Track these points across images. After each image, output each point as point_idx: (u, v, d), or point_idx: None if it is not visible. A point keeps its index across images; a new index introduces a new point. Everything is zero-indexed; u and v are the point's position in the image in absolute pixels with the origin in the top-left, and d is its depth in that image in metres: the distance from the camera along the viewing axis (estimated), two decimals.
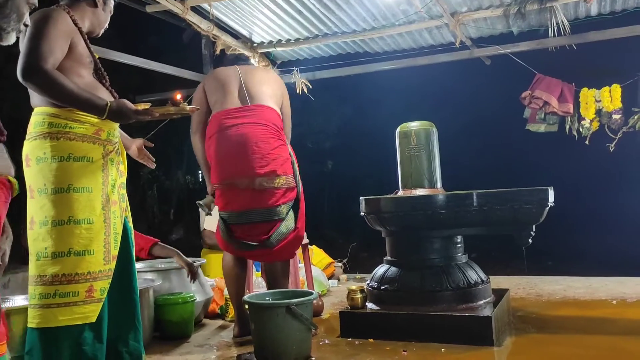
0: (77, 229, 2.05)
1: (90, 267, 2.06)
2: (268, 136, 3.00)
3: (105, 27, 2.37)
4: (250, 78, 3.15)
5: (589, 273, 4.81)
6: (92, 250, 2.07)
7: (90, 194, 2.10)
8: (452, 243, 3.18)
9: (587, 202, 7.80)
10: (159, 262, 3.87)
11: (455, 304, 2.98)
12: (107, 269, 2.12)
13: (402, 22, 4.98)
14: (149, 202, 9.90)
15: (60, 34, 2.06)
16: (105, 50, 4.25)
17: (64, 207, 2.04)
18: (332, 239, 8.64)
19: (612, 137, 5.37)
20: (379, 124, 7.31)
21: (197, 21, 4.58)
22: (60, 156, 2.06)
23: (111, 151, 2.20)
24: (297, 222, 3.09)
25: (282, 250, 3.05)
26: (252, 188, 2.96)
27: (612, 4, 4.77)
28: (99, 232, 2.10)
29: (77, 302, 2.01)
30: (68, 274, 2.02)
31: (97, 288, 2.07)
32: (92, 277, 2.07)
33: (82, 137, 2.11)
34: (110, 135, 2.21)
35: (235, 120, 3.01)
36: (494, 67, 5.74)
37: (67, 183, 2.05)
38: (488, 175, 7.45)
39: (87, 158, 2.11)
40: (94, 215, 2.10)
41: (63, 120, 2.08)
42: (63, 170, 2.05)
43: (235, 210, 3.02)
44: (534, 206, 2.92)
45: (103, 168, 2.15)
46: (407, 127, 3.37)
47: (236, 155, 2.97)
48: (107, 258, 2.13)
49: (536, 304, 3.71)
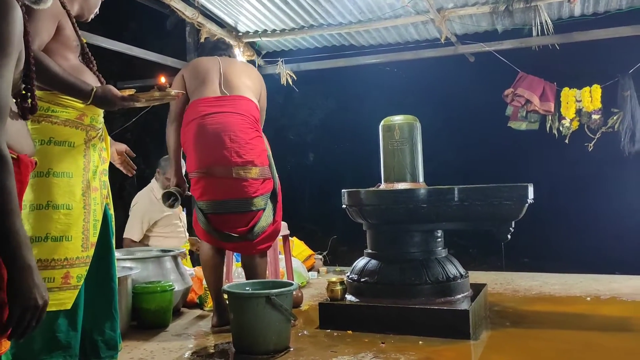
0: (55, 214, 2.02)
1: (67, 253, 2.04)
2: (246, 126, 2.99)
3: (95, 13, 2.33)
4: (231, 69, 3.13)
5: (565, 270, 4.89)
6: (70, 236, 2.04)
7: (70, 179, 2.07)
8: (433, 237, 3.20)
9: (565, 200, 7.93)
10: (137, 251, 3.84)
11: (433, 297, 3.00)
12: (85, 256, 2.10)
13: (388, 16, 4.98)
14: (127, 190, 9.78)
15: (47, 15, 2.02)
16: (88, 35, 4.17)
17: (43, 192, 2.01)
18: (312, 231, 8.66)
19: (591, 137, 5.46)
20: (362, 117, 7.33)
21: (181, 8, 4.53)
22: (41, 139, 2.02)
23: (94, 137, 2.17)
24: (276, 215, 3.11)
25: (261, 243, 3.06)
26: (230, 177, 2.93)
27: (595, 5, 4.83)
28: (77, 218, 2.07)
29: (52, 289, 1.97)
30: (44, 259, 1.99)
31: (74, 275, 2.04)
32: (69, 263, 2.04)
33: (64, 121, 2.07)
34: (94, 121, 2.17)
35: (213, 109, 2.98)
36: (478, 64, 5.78)
37: (47, 167, 2.02)
38: (469, 170, 7.53)
39: (69, 143, 2.07)
40: (74, 201, 2.07)
41: (45, 103, 2.04)
42: (43, 154, 2.01)
43: (212, 200, 2.99)
44: (513, 202, 2.95)
45: (85, 153, 2.12)
46: (391, 120, 3.38)
47: (214, 144, 2.94)
48: (85, 245, 2.10)
49: (513, 299, 3.76)
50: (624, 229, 6.90)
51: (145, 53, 5.05)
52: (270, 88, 5.95)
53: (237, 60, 3.29)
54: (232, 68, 3.16)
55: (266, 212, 3.03)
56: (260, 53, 5.86)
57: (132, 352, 2.78)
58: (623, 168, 5.60)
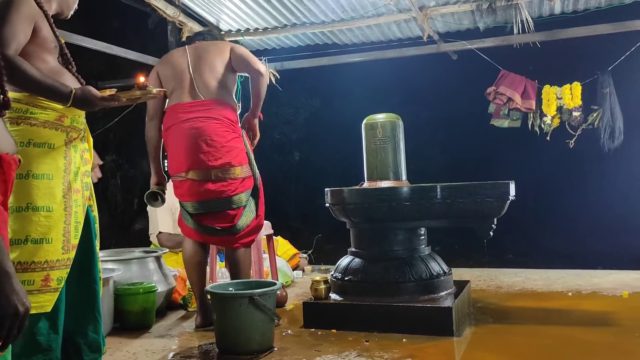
0: (35, 216, 1.98)
1: (47, 255, 2.00)
2: (222, 130, 3.03)
3: (74, 9, 2.31)
4: (200, 65, 3.11)
5: (547, 266, 4.94)
6: (51, 238, 2.01)
7: (50, 181, 2.03)
8: (416, 235, 3.21)
9: (547, 196, 8.01)
10: (120, 252, 3.80)
11: (417, 295, 3.01)
12: (65, 258, 2.06)
13: (371, 14, 4.99)
14: (111, 190, 9.70)
15: (23, 17, 1.98)
16: (67, 34, 4.12)
17: (23, 194, 1.97)
18: (297, 230, 8.65)
19: (572, 134, 5.52)
20: (346, 116, 7.33)
21: (162, 7, 4.50)
22: (20, 142, 1.97)
23: (75, 138, 2.14)
24: (258, 209, 3.20)
25: (244, 237, 3.13)
26: (209, 180, 3.01)
27: (574, 3, 4.88)
28: (58, 220, 2.04)
29: (32, 291, 1.94)
30: (24, 262, 1.95)
31: (54, 277, 2.01)
32: (49, 265, 2.00)
33: (43, 123, 2.04)
34: (75, 122, 2.14)
35: (189, 115, 3.03)
36: (461, 62, 5.81)
37: (26, 169, 1.98)
38: (452, 168, 7.58)
39: (48, 144, 2.04)
40: (54, 203, 2.03)
41: (24, 105, 2.01)
42: (23, 156, 1.95)
43: (195, 201, 3.07)
44: (495, 199, 2.97)
45: (65, 155, 2.09)
46: (374, 119, 3.38)
47: (191, 149, 3.00)
48: (66, 247, 2.06)
49: (496, 296, 3.79)
50: (604, 224, 7.00)
51: (125, 52, 4.99)
52: None
53: (207, 44, 3.23)
54: (202, 62, 3.12)
55: (248, 208, 3.11)
56: None
57: (114, 354, 2.75)
58: (603, 164, 5.68)
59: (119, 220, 9.02)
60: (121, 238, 8.49)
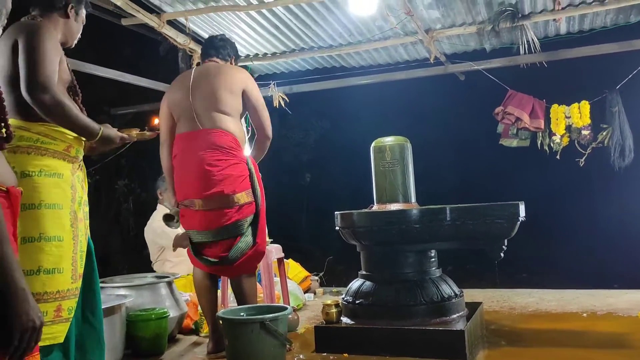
0: (47, 246, 2.01)
1: (59, 285, 2.02)
2: (218, 159, 3.02)
3: (77, 38, 2.38)
4: (201, 92, 3.09)
5: (561, 286, 4.89)
6: (62, 268, 2.03)
7: (60, 211, 2.07)
8: (426, 257, 3.20)
9: (558, 216, 7.95)
10: (132, 277, 3.82)
11: (429, 318, 3.00)
12: (74, 288, 2.09)
13: (377, 37, 5.05)
14: (124, 215, 9.78)
15: (55, 52, 2.10)
16: (80, 63, 4.22)
17: (35, 224, 2.00)
18: (308, 252, 8.64)
19: (582, 152, 5.50)
20: (355, 138, 7.36)
21: (173, 35, 4.58)
22: (32, 171, 2.02)
23: (78, 168, 2.20)
24: (257, 237, 3.09)
25: (242, 266, 3.07)
26: (202, 209, 3.03)
27: (580, 23, 4.91)
28: (68, 250, 2.07)
29: (45, 323, 1.96)
30: (37, 293, 1.96)
31: (65, 307, 2.03)
32: (60, 296, 2.02)
33: (53, 152, 2.09)
34: (78, 153, 2.21)
35: (188, 145, 3.07)
36: (468, 82, 5.84)
37: (38, 199, 2.01)
38: (462, 189, 7.56)
39: (58, 174, 2.08)
40: (64, 232, 2.06)
41: (35, 134, 2.06)
42: (34, 185, 2.02)
43: (192, 229, 3.12)
44: (505, 221, 2.96)
45: (72, 184, 2.14)
46: (382, 142, 3.40)
47: (188, 179, 3.07)
48: (74, 276, 2.09)
49: (509, 317, 3.76)
50: (617, 243, 6.92)
51: (137, 79, 5.08)
52: None
53: (213, 68, 3.19)
54: (203, 87, 3.10)
55: (244, 237, 3.04)
56: (253, 76, 5.91)
57: None
58: (614, 182, 5.64)
59: (131, 244, 9.06)
60: (133, 262, 8.52)
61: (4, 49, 2.09)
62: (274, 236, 4.28)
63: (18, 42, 2.06)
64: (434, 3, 4.44)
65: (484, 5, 4.51)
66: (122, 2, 3.91)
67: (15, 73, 2.05)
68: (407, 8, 4.29)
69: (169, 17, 4.38)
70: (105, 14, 4.63)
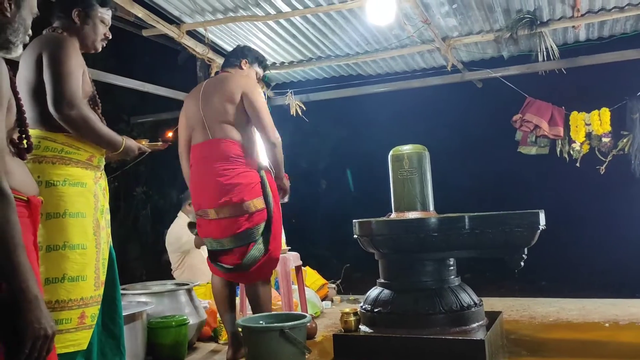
0: (71, 254, 2.05)
1: (83, 292, 2.06)
2: (226, 168, 3.06)
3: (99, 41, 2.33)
4: (209, 103, 3.16)
5: (582, 295, 4.83)
6: (85, 275, 2.07)
7: (84, 219, 2.11)
8: (445, 266, 3.19)
9: (579, 223, 7.85)
10: (152, 285, 3.86)
11: (448, 327, 2.98)
12: (97, 295, 2.13)
13: (394, 46, 5.06)
14: (142, 221, 9.86)
15: (78, 66, 2.15)
16: (101, 73, 4.29)
17: (59, 232, 2.04)
18: (325, 259, 8.63)
19: (603, 160, 5.44)
20: (372, 145, 7.35)
21: (192, 45, 4.64)
22: (56, 180, 2.07)
23: (100, 177, 2.24)
24: (269, 244, 3.09)
25: (256, 272, 3.09)
26: (214, 218, 3.09)
27: (599, 29, 4.88)
28: (91, 258, 2.11)
29: (69, 329, 1.99)
30: (62, 301, 2.00)
31: (89, 314, 2.07)
32: (84, 303, 2.06)
33: (76, 162, 2.13)
34: (100, 162, 2.26)
35: (201, 155, 3.14)
36: (486, 90, 5.82)
37: (63, 208, 2.06)
38: (480, 197, 7.51)
39: (82, 183, 2.13)
40: (87, 241, 2.10)
41: (59, 145, 2.11)
42: (59, 195, 2.06)
43: (207, 237, 3.19)
44: (525, 229, 2.94)
45: (94, 193, 2.18)
46: (400, 150, 3.40)
47: (200, 190, 3.14)
48: (97, 283, 2.13)
49: (529, 327, 3.72)
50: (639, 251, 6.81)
51: (156, 88, 5.14)
52: (281, 118, 6.04)
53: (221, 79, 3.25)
54: (211, 98, 3.16)
55: (257, 245, 3.06)
56: (270, 85, 5.96)
57: None
58: (635, 190, 5.56)
59: (149, 251, 9.14)
60: (151, 269, 8.59)
61: (29, 62, 2.13)
62: (291, 243, 4.30)
63: (42, 56, 2.10)
64: (451, 11, 4.44)
65: (501, 12, 4.50)
66: (143, 14, 3.97)
67: (40, 86, 2.10)
68: (425, 17, 4.30)
69: (188, 27, 4.45)
70: (126, 24, 4.71)
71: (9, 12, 1.59)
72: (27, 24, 1.68)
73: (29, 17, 1.69)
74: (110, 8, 2.37)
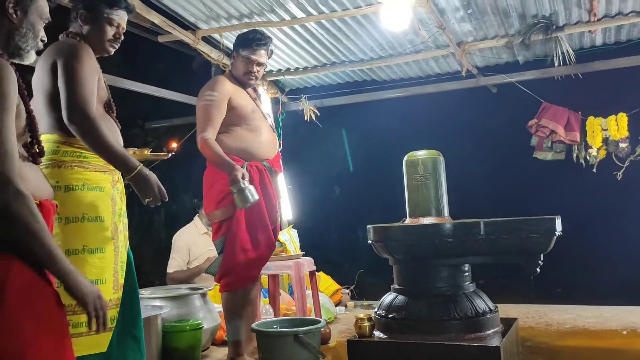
0: (90, 258, 2.07)
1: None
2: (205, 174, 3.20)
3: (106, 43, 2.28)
4: None
5: (599, 302, 4.77)
6: (104, 279, 2.09)
7: (102, 223, 2.13)
8: (460, 271, 3.17)
9: (595, 229, 7.75)
10: (167, 289, 3.89)
11: (463, 333, 2.96)
12: (115, 298, 2.14)
13: (409, 51, 5.06)
14: (155, 226, 9.93)
15: (93, 74, 2.13)
16: (116, 79, 4.34)
17: (78, 237, 2.06)
18: (338, 264, 8.61)
19: (620, 165, 5.38)
20: (386, 151, 7.34)
21: (207, 51, 4.68)
22: (75, 185, 2.09)
23: (117, 181, 2.25)
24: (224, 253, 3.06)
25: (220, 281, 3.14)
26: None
27: (617, 34, 4.83)
28: (110, 261, 2.13)
29: (89, 332, 1.99)
30: None
31: (108, 317, 2.08)
32: None
33: (94, 166, 2.15)
34: None
35: None
36: (501, 95, 5.78)
37: (81, 212, 2.08)
38: (495, 202, 7.44)
39: (99, 187, 2.15)
40: (106, 244, 2.12)
41: (77, 149, 2.13)
42: (77, 199, 2.08)
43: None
44: (541, 235, 2.92)
45: (112, 197, 2.19)
46: (414, 156, 3.40)
47: None
48: (116, 287, 2.15)
49: (545, 334, 3.68)
50: None
51: (172, 94, 5.19)
52: (295, 123, 6.05)
53: None
54: None
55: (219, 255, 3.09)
56: (284, 90, 5.98)
57: None
58: None
59: (162, 255, 9.20)
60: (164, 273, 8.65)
61: (45, 69, 2.14)
62: (305, 249, 4.30)
63: (57, 64, 2.10)
64: (466, 17, 4.43)
65: (517, 17, 4.48)
66: (160, 20, 4.01)
67: (55, 93, 2.10)
68: (440, 22, 4.30)
69: (203, 33, 4.49)
70: (141, 31, 4.76)
71: (16, 18, 1.62)
72: (36, 29, 1.70)
73: (38, 22, 1.71)
74: (121, 8, 2.27)
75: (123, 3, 2.29)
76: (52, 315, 1.45)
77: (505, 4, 4.26)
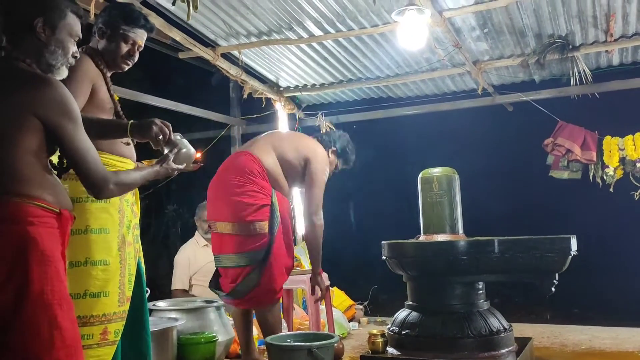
0: (93, 270, 2.05)
1: (105, 309, 2.06)
2: (237, 183, 3.03)
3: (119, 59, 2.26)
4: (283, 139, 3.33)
5: (616, 323, 4.70)
6: (108, 291, 2.07)
7: (107, 235, 2.10)
8: (474, 289, 3.17)
9: (612, 249, 7.67)
10: (181, 302, 3.92)
11: (476, 351, 2.95)
12: (121, 311, 2.12)
13: (425, 69, 5.11)
14: (172, 239, 10.01)
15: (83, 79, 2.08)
16: (136, 94, 4.43)
17: (81, 249, 2.04)
18: (352, 280, 8.59)
19: (637, 185, 5.34)
20: (401, 167, 7.37)
21: (226, 67, 4.77)
22: (78, 197, 2.05)
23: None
24: (262, 277, 2.98)
25: (251, 300, 3.08)
26: (216, 232, 3.11)
27: (634, 54, 4.84)
28: (114, 274, 2.10)
29: (91, 345, 1.99)
30: (83, 316, 2.00)
31: (112, 330, 2.06)
32: (106, 319, 2.06)
33: None
34: None
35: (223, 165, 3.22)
36: (517, 113, 5.79)
37: (84, 224, 2.06)
38: (510, 221, 7.40)
39: (105, 199, 2.09)
40: (110, 257, 2.10)
41: None
42: (81, 211, 2.05)
43: (213, 253, 3.21)
44: (556, 254, 2.91)
45: (120, 209, 2.16)
46: (429, 173, 3.42)
47: (211, 200, 3.19)
48: (121, 300, 2.12)
49: (561, 355, 3.64)
50: None
51: (190, 109, 5.29)
52: None
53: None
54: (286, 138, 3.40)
55: (251, 274, 2.98)
56: (301, 106, 6.05)
57: None
58: None
59: None
60: None
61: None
62: None
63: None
64: (482, 36, 4.47)
65: (533, 37, 4.51)
66: (181, 37, 4.11)
67: None
68: (456, 41, 4.34)
69: (223, 50, 4.58)
70: (162, 47, 4.87)
71: (44, 36, 1.69)
72: (66, 46, 1.75)
73: (68, 40, 1.76)
74: (138, 27, 2.25)
75: (141, 22, 2.26)
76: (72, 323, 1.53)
77: (521, 23, 4.29)
